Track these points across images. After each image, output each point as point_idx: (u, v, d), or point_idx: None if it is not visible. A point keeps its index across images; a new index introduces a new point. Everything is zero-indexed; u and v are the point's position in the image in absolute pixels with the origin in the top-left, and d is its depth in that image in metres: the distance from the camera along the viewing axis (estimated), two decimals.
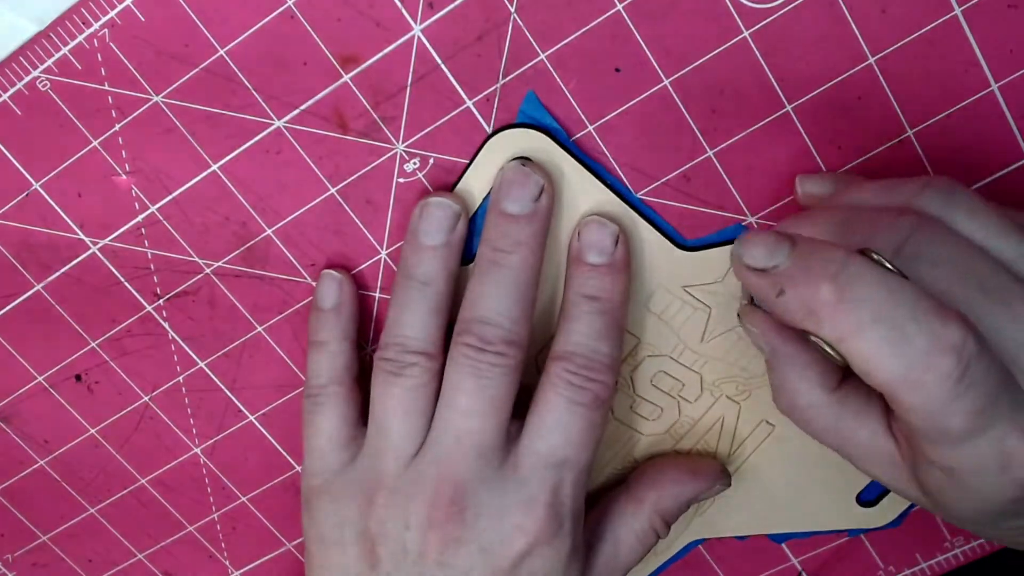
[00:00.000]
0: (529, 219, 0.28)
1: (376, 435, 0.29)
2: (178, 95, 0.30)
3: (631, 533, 0.31)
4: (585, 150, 0.30)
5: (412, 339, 0.29)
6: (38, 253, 0.32)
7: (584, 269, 0.29)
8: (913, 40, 0.28)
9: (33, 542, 0.37)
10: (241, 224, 0.31)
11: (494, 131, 0.29)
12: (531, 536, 0.28)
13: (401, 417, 0.29)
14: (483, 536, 0.28)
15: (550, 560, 0.28)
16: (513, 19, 0.28)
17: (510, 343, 0.28)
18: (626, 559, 0.31)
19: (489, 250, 0.29)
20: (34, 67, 0.29)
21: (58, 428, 0.35)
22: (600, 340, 0.28)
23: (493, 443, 0.28)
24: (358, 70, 0.29)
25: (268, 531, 0.36)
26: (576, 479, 0.29)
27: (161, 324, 0.33)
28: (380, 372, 0.29)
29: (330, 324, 0.31)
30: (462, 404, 0.28)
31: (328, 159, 0.30)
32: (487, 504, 0.28)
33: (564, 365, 0.28)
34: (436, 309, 0.29)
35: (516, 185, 0.28)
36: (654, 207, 0.30)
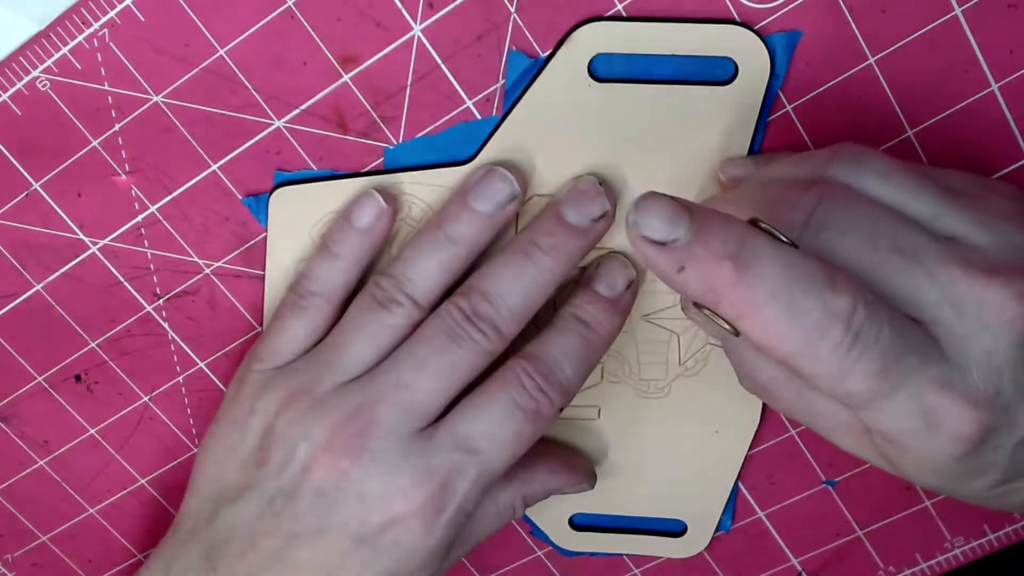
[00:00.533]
0: (579, 234, 0.28)
1: (331, 348, 0.29)
2: (178, 95, 0.30)
3: (493, 505, 0.30)
4: None
5: (411, 282, 0.28)
6: (38, 253, 0.32)
7: (588, 295, 0.29)
8: (913, 40, 0.28)
9: (33, 542, 0.37)
10: (241, 224, 0.31)
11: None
12: (409, 506, 0.27)
13: (362, 343, 0.29)
14: (367, 483, 0.28)
15: (417, 537, 0.28)
16: (513, 19, 0.28)
17: (497, 329, 0.28)
18: (480, 530, 0.30)
19: (528, 240, 0.28)
20: (34, 67, 0.29)
21: (58, 428, 0.35)
22: (570, 361, 0.28)
23: (426, 406, 0.28)
24: (358, 70, 0.29)
25: None
26: (478, 476, 0.28)
27: (161, 324, 0.33)
28: (366, 296, 0.29)
29: (352, 243, 0.30)
30: (420, 355, 0.28)
31: (328, 159, 0.30)
32: (387, 455, 0.28)
33: (524, 365, 0.28)
34: (448, 268, 0.29)
35: (585, 197, 0.28)
36: None
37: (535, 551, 0.36)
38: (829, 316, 0.22)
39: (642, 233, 0.22)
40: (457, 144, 0.30)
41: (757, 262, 0.22)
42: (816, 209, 0.24)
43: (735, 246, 0.22)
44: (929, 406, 0.22)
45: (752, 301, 0.22)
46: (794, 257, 0.22)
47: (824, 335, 0.22)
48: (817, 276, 0.22)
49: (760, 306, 0.22)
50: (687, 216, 0.22)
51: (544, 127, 0.29)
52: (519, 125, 0.29)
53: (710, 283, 0.22)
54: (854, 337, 0.22)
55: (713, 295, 0.22)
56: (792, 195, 0.24)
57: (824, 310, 0.22)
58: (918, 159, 0.29)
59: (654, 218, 0.22)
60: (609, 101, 0.29)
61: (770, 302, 0.22)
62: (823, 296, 0.22)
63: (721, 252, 0.22)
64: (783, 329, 0.22)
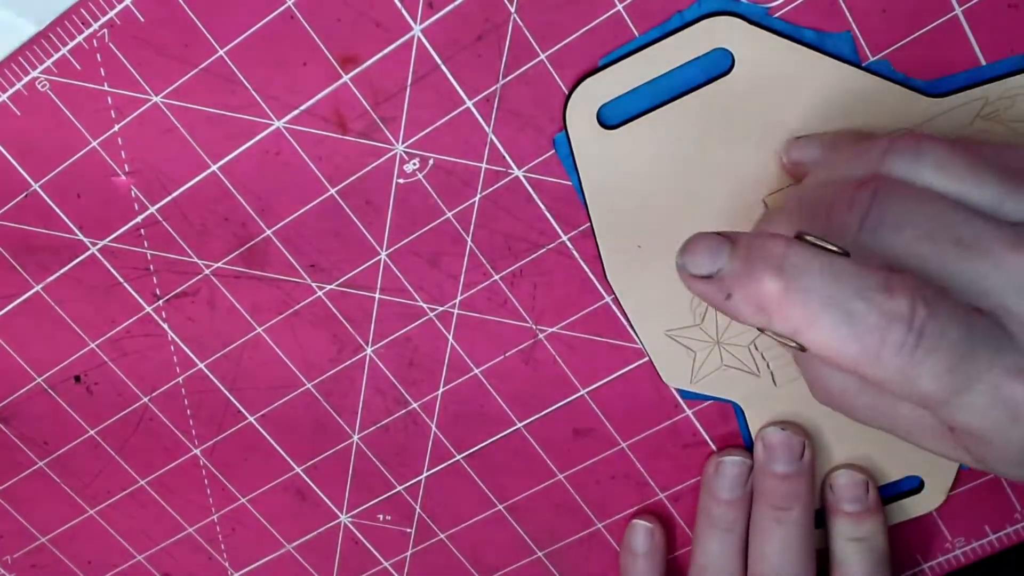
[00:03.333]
0: (799, 475, 0.31)
1: None
2: (177, 95, 0.30)
3: None
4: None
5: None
6: (37, 254, 0.32)
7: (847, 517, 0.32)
8: (913, 40, 0.28)
9: (32, 543, 0.37)
10: (240, 225, 0.31)
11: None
12: None
13: None
14: None
15: None
16: (513, 19, 0.28)
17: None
18: None
19: (769, 508, 0.31)
20: (33, 67, 0.29)
21: (57, 429, 0.35)
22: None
23: None
24: (358, 70, 0.29)
25: (268, 532, 0.36)
26: None
27: (160, 325, 0.33)
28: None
29: (642, 567, 0.34)
30: None
31: (328, 159, 0.30)
32: None
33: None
34: (740, 553, 0.32)
35: (782, 448, 0.31)
36: None
37: (535, 551, 0.36)
38: (887, 319, 0.21)
39: (689, 272, 0.23)
40: None
41: (802, 275, 0.22)
42: (871, 206, 0.23)
43: (777, 261, 0.22)
44: (1008, 396, 0.22)
45: (804, 314, 0.22)
46: (842, 264, 0.22)
47: (885, 339, 0.21)
48: (869, 280, 0.21)
49: (813, 318, 0.21)
50: (727, 245, 0.23)
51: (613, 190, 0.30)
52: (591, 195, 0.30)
53: (758, 303, 0.22)
54: (917, 337, 0.21)
55: (765, 315, 0.22)
56: (847, 195, 0.24)
57: (881, 313, 0.21)
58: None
59: (696, 255, 0.23)
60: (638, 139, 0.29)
61: (823, 313, 0.21)
62: (878, 299, 0.21)
63: (763, 271, 0.22)
64: (841, 338, 0.21)
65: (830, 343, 0.22)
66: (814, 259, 0.22)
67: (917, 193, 0.23)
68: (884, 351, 0.21)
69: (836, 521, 0.32)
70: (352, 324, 0.33)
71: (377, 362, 0.33)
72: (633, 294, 0.31)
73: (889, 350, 0.21)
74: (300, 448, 0.35)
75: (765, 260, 0.22)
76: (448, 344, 0.33)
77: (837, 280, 0.21)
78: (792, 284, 0.22)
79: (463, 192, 0.31)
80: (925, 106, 0.28)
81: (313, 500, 0.36)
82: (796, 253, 0.22)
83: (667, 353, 0.32)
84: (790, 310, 0.22)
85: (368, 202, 0.31)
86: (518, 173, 0.30)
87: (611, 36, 0.28)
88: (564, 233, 0.31)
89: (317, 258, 0.32)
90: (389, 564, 0.36)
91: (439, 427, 0.34)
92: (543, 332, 0.32)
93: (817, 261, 0.22)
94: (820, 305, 0.21)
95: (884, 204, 0.23)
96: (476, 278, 0.32)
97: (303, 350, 0.33)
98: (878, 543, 0.32)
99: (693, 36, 0.28)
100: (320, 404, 0.34)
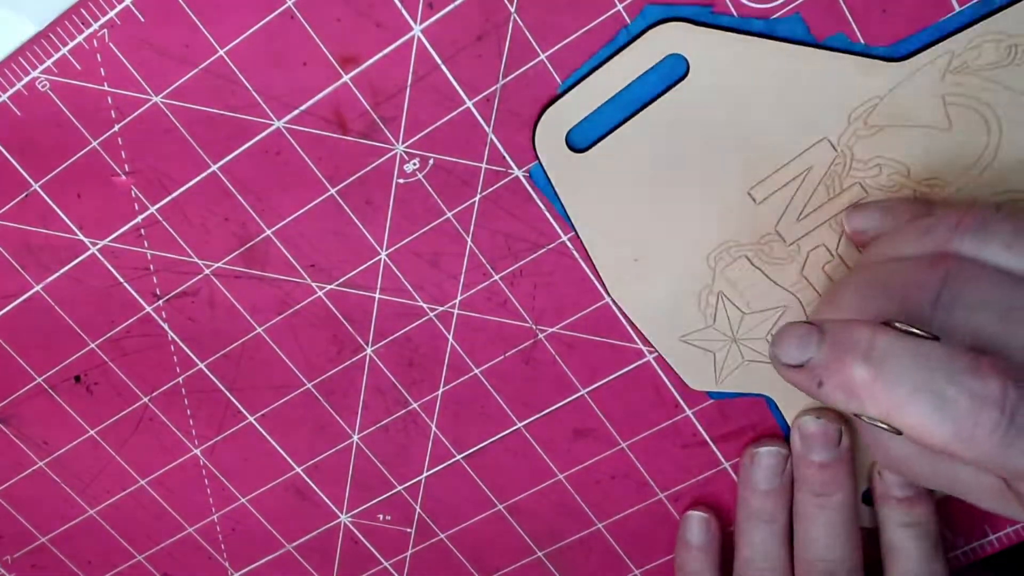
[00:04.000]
0: (838, 463, 0.31)
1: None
2: (177, 95, 0.30)
3: None
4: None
5: (768, 570, 0.32)
6: (37, 254, 0.32)
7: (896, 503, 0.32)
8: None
9: (32, 544, 0.37)
10: (241, 225, 0.31)
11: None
12: None
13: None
14: None
15: None
16: (513, 19, 0.28)
17: (850, 569, 0.31)
18: None
19: (811, 496, 0.31)
20: (33, 67, 0.29)
21: (57, 429, 0.35)
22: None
23: None
24: (358, 70, 0.29)
25: (268, 532, 0.36)
26: None
27: (161, 325, 0.33)
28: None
29: (699, 559, 0.34)
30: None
31: (328, 159, 0.30)
32: None
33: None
34: (784, 542, 0.32)
35: (819, 437, 0.31)
36: None
37: (535, 551, 0.36)
38: (979, 402, 0.21)
39: (781, 361, 0.25)
40: None
41: (891, 361, 0.22)
42: (943, 288, 0.24)
43: (865, 348, 0.23)
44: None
45: (895, 400, 0.22)
46: (930, 348, 0.22)
47: (978, 421, 0.22)
48: (959, 363, 0.22)
49: (904, 403, 0.22)
50: (816, 334, 0.24)
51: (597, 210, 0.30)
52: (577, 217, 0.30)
53: (849, 391, 0.23)
54: (1010, 418, 0.21)
55: (857, 402, 0.23)
56: (919, 275, 0.24)
57: (972, 397, 0.21)
58: None
59: (787, 346, 0.24)
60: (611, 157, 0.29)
61: (914, 397, 0.22)
62: (969, 382, 0.22)
63: (852, 359, 0.23)
64: (934, 421, 0.22)
65: (923, 427, 0.22)
66: (902, 345, 0.22)
67: (987, 273, 0.24)
68: (978, 433, 0.22)
69: (887, 508, 0.32)
70: (352, 324, 0.33)
71: (377, 362, 0.33)
72: (640, 307, 0.31)
73: (982, 432, 0.22)
74: (300, 448, 0.35)
75: (853, 348, 0.23)
76: (448, 344, 0.33)
77: (926, 365, 0.22)
78: (881, 370, 0.22)
79: (463, 192, 0.31)
80: (890, 72, 0.28)
81: (313, 500, 0.36)
82: (883, 339, 0.23)
83: (687, 359, 0.32)
84: (881, 396, 0.22)
85: (368, 202, 0.31)
86: (518, 173, 0.30)
87: (612, 35, 0.28)
88: (564, 233, 0.31)
89: (317, 258, 0.32)
90: (389, 564, 0.36)
91: (439, 427, 0.34)
92: (543, 332, 0.32)
93: (905, 346, 0.22)
94: (911, 390, 0.22)
95: (957, 286, 0.24)
96: (476, 278, 0.32)
97: (303, 350, 0.33)
98: (931, 528, 0.31)
99: (643, 48, 0.28)
100: (320, 404, 0.34)
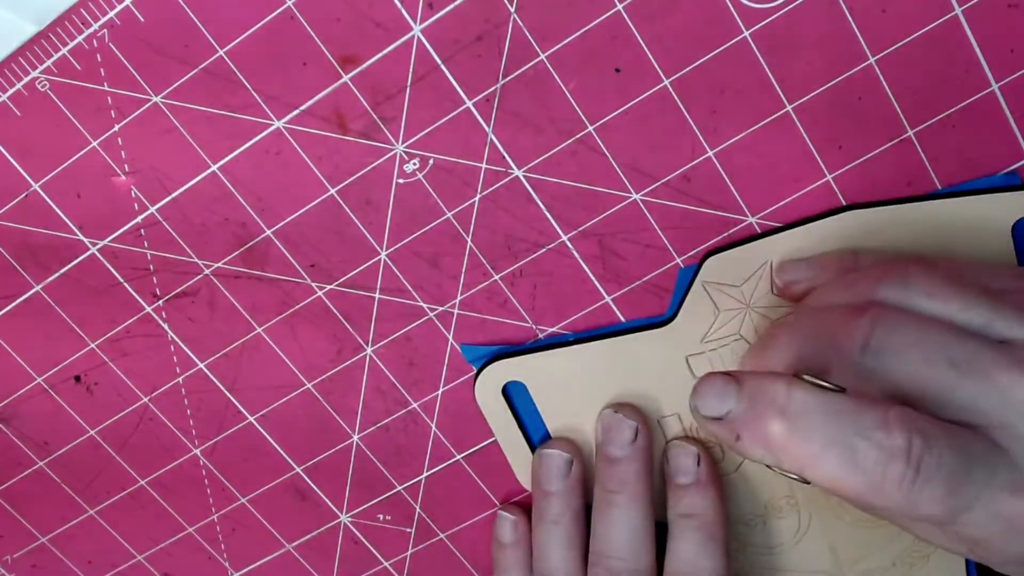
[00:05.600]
0: (630, 460, 0.31)
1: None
2: (177, 95, 0.30)
3: None
4: (588, 148, 0.30)
5: (556, 570, 0.32)
6: (37, 254, 0.32)
7: (676, 491, 0.32)
8: (913, 40, 0.28)
9: (32, 544, 0.37)
10: (240, 225, 0.31)
11: None
12: None
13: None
14: None
15: None
16: (513, 19, 0.28)
17: (634, 571, 0.31)
18: None
19: (602, 491, 0.32)
20: (33, 67, 0.29)
21: (57, 429, 0.35)
22: (702, 555, 0.31)
23: None
24: (358, 70, 0.29)
25: (268, 532, 0.36)
26: None
27: (160, 325, 0.33)
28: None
29: (510, 556, 0.34)
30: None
31: (328, 159, 0.30)
32: None
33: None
34: (570, 543, 0.32)
35: (614, 431, 0.31)
36: (653, 208, 0.30)
37: None
38: (887, 455, 0.22)
39: (701, 413, 0.25)
40: None
41: (804, 416, 0.23)
42: (871, 334, 0.25)
43: (780, 405, 0.23)
44: (1007, 513, 0.23)
45: (808, 454, 0.23)
46: (841, 403, 0.23)
47: (886, 473, 0.22)
48: (867, 417, 0.23)
49: (817, 457, 0.23)
50: (734, 387, 0.24)
51: None
52: None
53: (765, 444, 0.24)
54: (916, 470, 0.22)
55: (772, 455, 0.24)
56: (847, 322, 0.25)
57: (880, 449, 0.22)
58: (918, 159, 0.29)
59: (706, 397, 0.25)
60: None
61: (825, 452, 0.23)
62: (877, 436, 0.22)
63: (767, 415, 0.23)
64: (845, 474, 0.23)
65: (835, 479, 0.23)
66: (814, 399, 0.23)
67: (912, 318, 0.25)
68: (886, 484, 0.22)
69: (669, 495, 0.32)
70: (352, 324, 0.33)
71: (377, 362, 0.33)
72: None
73: (891, 483, 0.22)
74: (300, 448, 0.35)
75: (769, 403, 0.24)
76: (448, 344, 0.33)
77: (837, 420, 0.23)
78: (795, 426, 0.23)
79: (463, 192, 0.31)
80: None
81: (313, 500, 0.36)
82: (797, 394, 0.23)
83: None
84: (795, 450, 0.23)
85: (368, 202, 0.31)
86: (518, 173, 0.30)
87: (611, 36, 0.28)
88: (564, 233, 0.31)
89: (317, 258, 0.32)
90: (389, 564, 0.36)
91: (439, 427, 0.34)
92: (543, 332, 0.32)
93: (817, 401, 0.23)
94: (822, 445, 0.23)
95: (882, 331, 0.25)
96: (476, 278, 0.32)
97: (303, 350, 0.33)
98: (709, 519, 0.31)
99: None
100: (320, 404, 0.34)
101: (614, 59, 0.29)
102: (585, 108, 0.29)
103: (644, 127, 0.29)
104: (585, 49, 0.28)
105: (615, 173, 0.30)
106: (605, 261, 0.31)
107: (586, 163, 0.30)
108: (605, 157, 0.30)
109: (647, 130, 0.29)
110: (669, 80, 0.29)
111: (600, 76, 0.29)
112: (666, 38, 0.28)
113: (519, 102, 0.29)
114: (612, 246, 0.31)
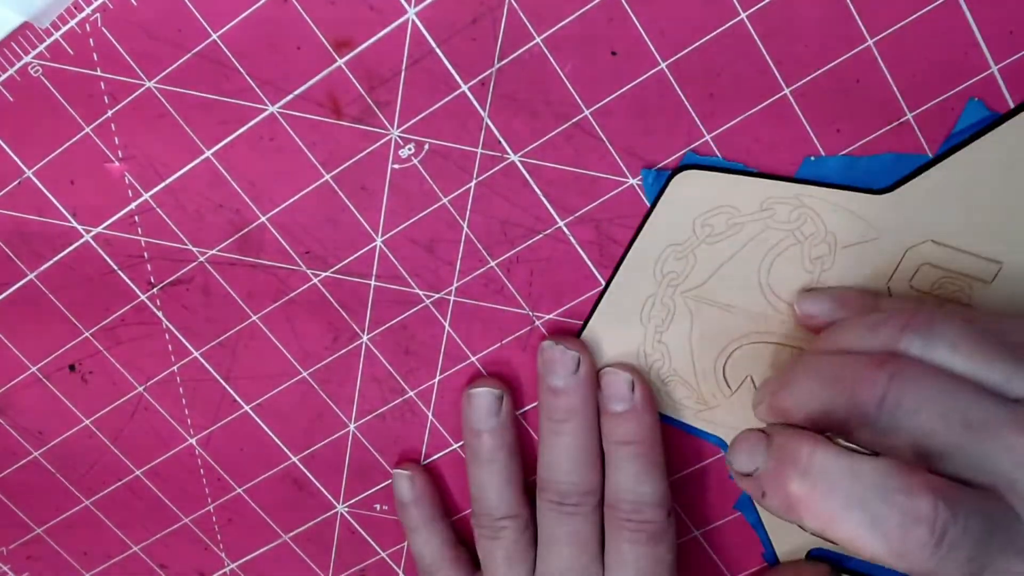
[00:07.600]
0: (574, 390, 0.31)
1: None
2: (171, 80, 0.29)
3: None
4: (584, 132, 0.29)
5: (496, 507, 0.32)
6: (31, 242, 0.32)
7: (611, 419, 0.31)
8: (912, 22, 0.27)
9: (28, 534, 0.37)
10: (235, 211, 0.31)
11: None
12: None
13: (506, 569, 0.33)
14: None
15: None
16: (508, 2, 0.28)
17: (584, 493, 0.31)
18: None
19: (547, 421, 0.32)
20: (26, 53, 0.29)
21: (52, 419, 0.35)
22: (641, 481, 0.31)
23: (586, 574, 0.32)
24: (352, 54, 0.29)
25: (264, 522, 0.36)
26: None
27: (155, 313, 0.33)
28: (481, 538, 0.33)
29: (414, 515, 0.34)
30: (555, 547, 0.32)
31: (322, 145, 0.30)
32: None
33: (614, 514, 0.31)
34: (507, 480, 0.32)
35: (556, 363, 0.31)
36: None
37: None
38: (911, 520, 0.22)
39: (735, 469, 0.26)
40: (880, 172, 0.30)
41: (828, 477, 0.23)
42: (889, 387, 0.25)
43: (804, 466, 0.24)
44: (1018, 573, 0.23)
45: (830, 514, 0.23)
46: (865, 465, 0.23)
47: (908, 538, 0.22)
48: (892, 481, 0.23)
49: (839, 518, 0.23)
50: (763, 445, 0.25)
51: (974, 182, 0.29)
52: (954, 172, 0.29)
53: (789, 503, 0.24)
54: (940, 536, 0.22)
55: (795, 513, 0.24)
56: (867, 374, 0.25)
57: (904, 514, 0.22)
58: (917, 143, 0.29)
59: (739, 453, 0.26)
60: None
61: (847, 512, 0.23)
62: (900, 501, 0.22)
63: (791, 474, 0.24)
64: (866, 536, 0.23)
65: (856, 541, 0.23)
66: (838, 462, 0.23)
67: (931, 376, 0.25)
68: (908, 549, 0.22)
69: (604, 422, 0.32)
70: (348, 312, 0.32)
71: (373, 350, 0.33)
72: None
73: (913, 548, 0.22)
74: (296, 437, 0.35)
75: (793, 463, 0.24)
76: (445, 331, 0.32)
77: (860, 482, 0.23)
78: (817, 485, 0.23)
79: (459, 177, 0.30)
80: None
81: (310, 490, 0.35)
82: (821, 456, 0.24)
83: None
84: (817, 509, 0.23)
85: (363, 188, 0.31)
86: (514, 158, 0.30)
87: (607, 19, 0.28)
88: (561, 219, 0.31)
89: (312, 245, 0.31)
90: (386, 554, 0.36)
91: (436, 416, 0.34)
92: (540, 319, 0.32)
93: (841, 464, 0.23)
94: (843, 505, 0.23)
95: (901, 387, 0.25)
96: (472, 264, 0.31)
97: (299, 338, 0.33)
98: (645, 450, 0.31)
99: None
100: (316, 393, 0.34)
101: (610, 42, 0.28)
102: (581, 92, 0.29)
103: (641, 111, 0.29)
104: (581, 32, 0.28)
105: (612, 157, 0.30)
106: (602, 247, 0.31)
107: (582, 147, 0.30)
108: (602, 141, 0.30)
109: (644, 114, 0.29)
110: (666, 63, 0.28)
111: (596, 59, 0.29)
112: (662, 21, 0.28)
113: (515, 86, 0.29)
114: (609, 231, 0.31)
